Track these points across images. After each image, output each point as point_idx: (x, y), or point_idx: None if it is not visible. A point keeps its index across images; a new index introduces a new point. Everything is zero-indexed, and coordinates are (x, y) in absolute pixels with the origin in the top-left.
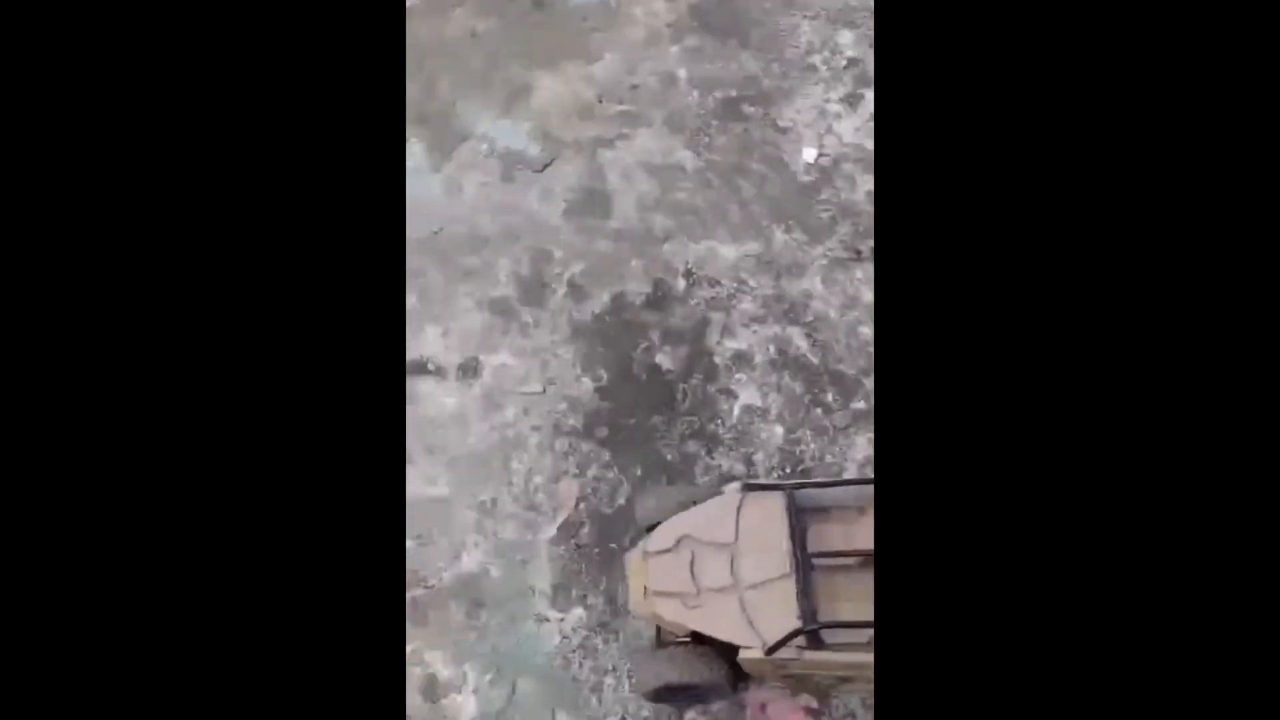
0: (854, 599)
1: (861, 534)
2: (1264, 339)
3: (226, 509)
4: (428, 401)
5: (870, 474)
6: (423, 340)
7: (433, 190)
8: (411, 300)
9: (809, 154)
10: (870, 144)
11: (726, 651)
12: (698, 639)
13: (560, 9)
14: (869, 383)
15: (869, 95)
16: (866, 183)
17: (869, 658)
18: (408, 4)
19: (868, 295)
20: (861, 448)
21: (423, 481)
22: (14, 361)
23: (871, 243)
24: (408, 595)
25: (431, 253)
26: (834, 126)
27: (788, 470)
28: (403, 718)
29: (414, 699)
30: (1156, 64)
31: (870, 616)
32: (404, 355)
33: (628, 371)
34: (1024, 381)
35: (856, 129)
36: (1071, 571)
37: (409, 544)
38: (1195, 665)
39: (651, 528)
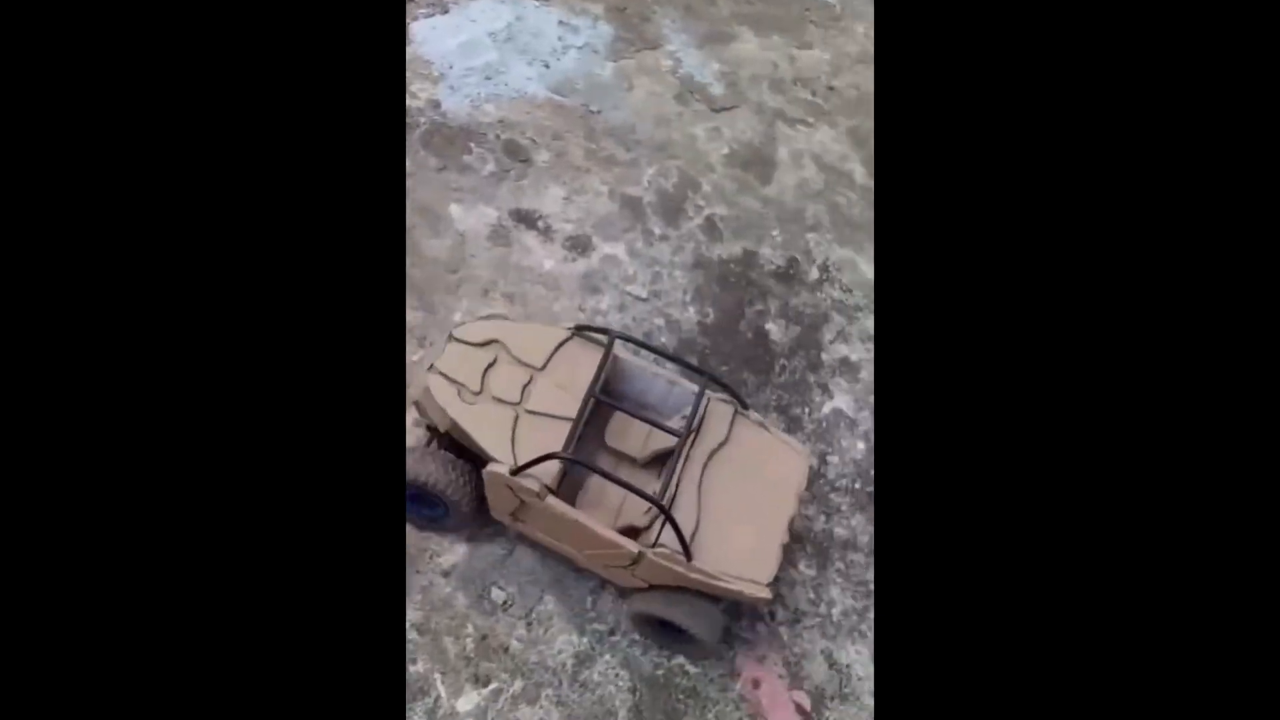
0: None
1: (646, 442)
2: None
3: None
4: (522, 251)
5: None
6: (543, 196)
7: (603, 75)
8: (544, 156)
9: None
10: None
11: (474, 465)
12: (453, 447)
13: None
14: None
15: None
16: None
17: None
18: None
19: None
20: None
21: (483, 304)
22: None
23: None
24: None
25: (580, 126)
26: None
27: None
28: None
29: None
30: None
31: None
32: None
33: (734, 323)
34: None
35: None
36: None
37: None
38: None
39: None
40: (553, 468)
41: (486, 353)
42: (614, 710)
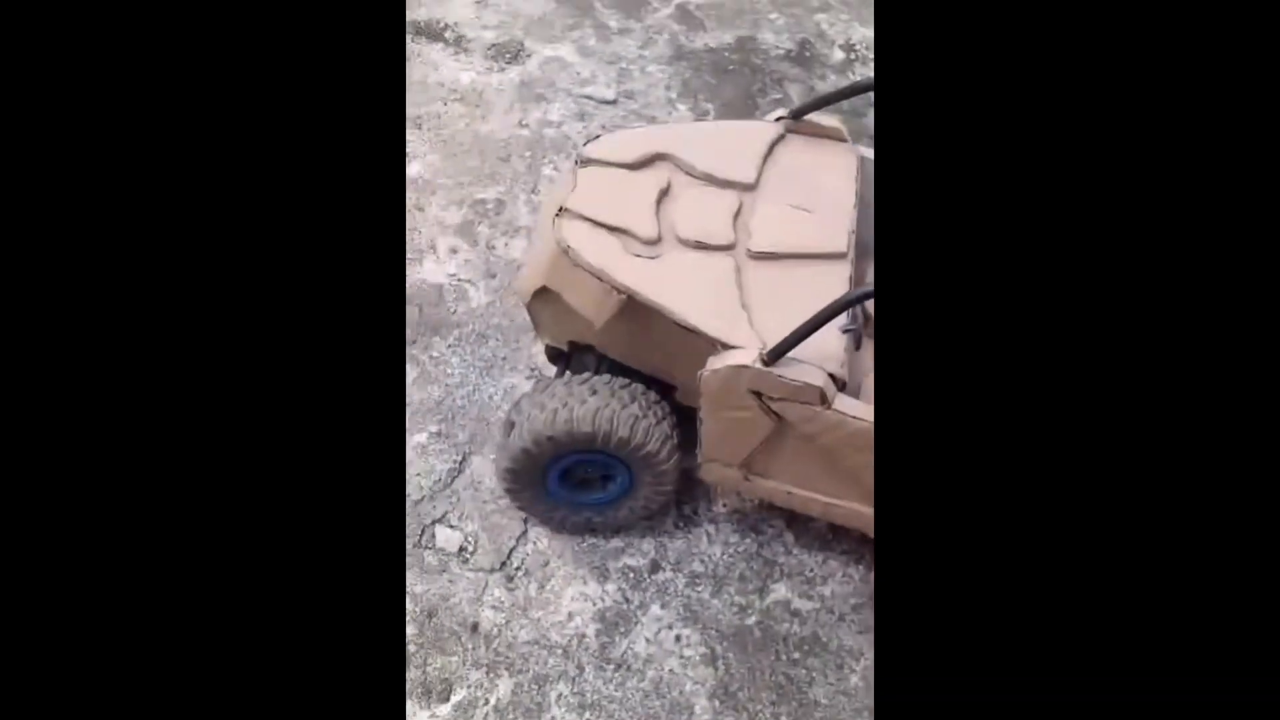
0: None
1: None
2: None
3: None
4: (429, 68)
5: None
6: (445, 4)
7: None
8: None
9: None
10: None
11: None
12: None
13: None
14: None
15: None
16: None
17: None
18: None
19: None
20: None
21: None
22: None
23: None
24: None
25: None
26: None
27: None
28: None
29: None
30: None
31: None
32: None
33: (747, 117)
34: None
35: None
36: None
37: None
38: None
39: None
40: (835, 347)
41: (651, 176)
42: (686, 701)
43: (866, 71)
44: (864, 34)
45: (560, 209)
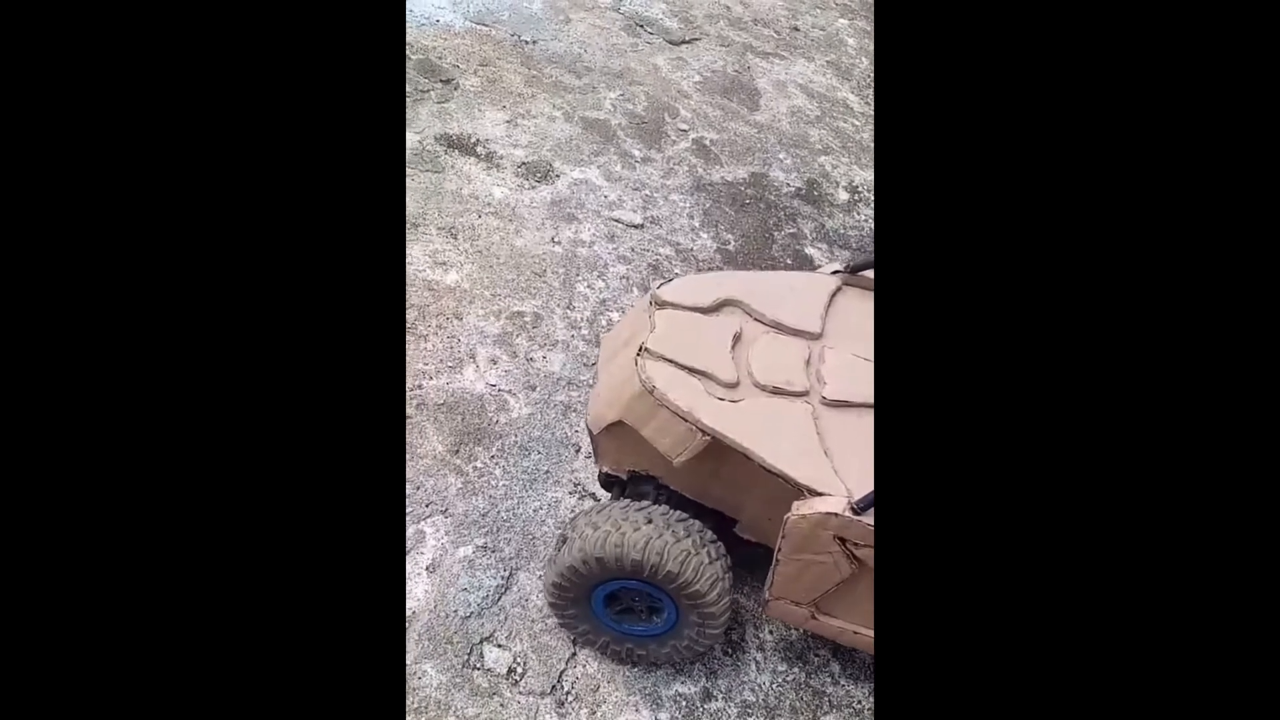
0: None
1: None
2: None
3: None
4: (461, 179)
5: None
6: (477, 121)
7: (531, 8)
8: (473, 82)
9: None
10: None
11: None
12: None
13: None
14: None
15: None
16: None
17: None
18: None
19: None
20: None
21: (429, 262)
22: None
23: None
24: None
25: (514, 54)
26: None
27: None
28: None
29: None
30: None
31: None
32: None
33: (765, 249)
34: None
35: None
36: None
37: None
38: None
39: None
40: None
41: (724, 321)
42: None
43: (870, 212)
44: (864, 177)
45: (641, 349)
